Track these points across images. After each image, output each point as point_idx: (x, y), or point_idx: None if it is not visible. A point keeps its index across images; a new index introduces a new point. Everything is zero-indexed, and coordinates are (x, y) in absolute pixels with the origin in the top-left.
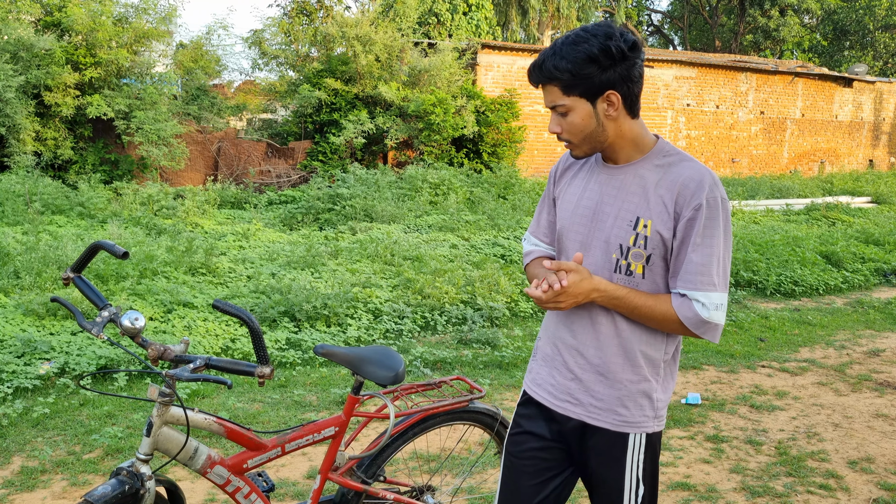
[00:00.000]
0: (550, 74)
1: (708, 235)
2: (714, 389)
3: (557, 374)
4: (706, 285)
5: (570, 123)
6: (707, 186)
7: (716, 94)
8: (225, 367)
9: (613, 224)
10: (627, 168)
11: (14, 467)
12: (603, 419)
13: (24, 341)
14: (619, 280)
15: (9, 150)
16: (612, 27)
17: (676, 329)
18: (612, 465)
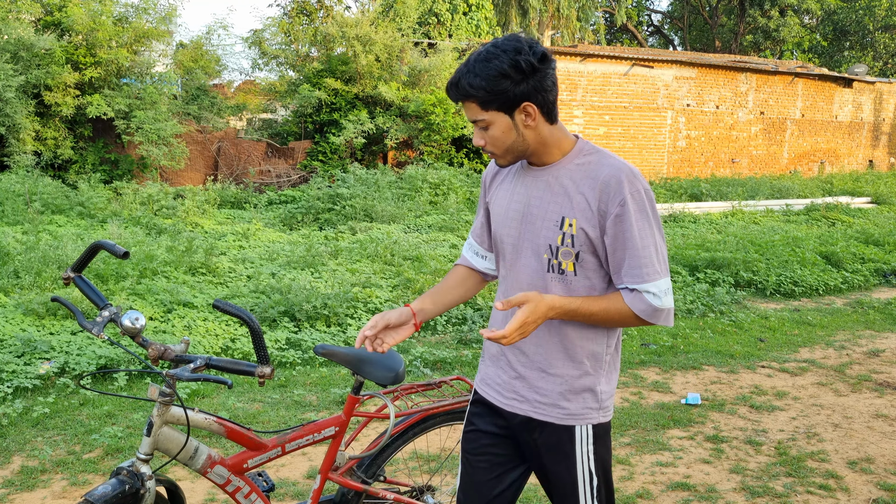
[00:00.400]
0: (466, 92)
1: (641, 228)
2: (714, 390)
3: (503, 372)
4: (652, 275)
5: (491, 136)
6: (626, 181)
7: (716, 95)
8: (225, 366)
9: (542, 225)
10: (550, 169)
11: (14, 467)
12: (548, 413)
13: (24, 341)
14: (553, 279)
15: (9, 150)
16: (520, 41)
17: (633, 323)
18: (563, 460)
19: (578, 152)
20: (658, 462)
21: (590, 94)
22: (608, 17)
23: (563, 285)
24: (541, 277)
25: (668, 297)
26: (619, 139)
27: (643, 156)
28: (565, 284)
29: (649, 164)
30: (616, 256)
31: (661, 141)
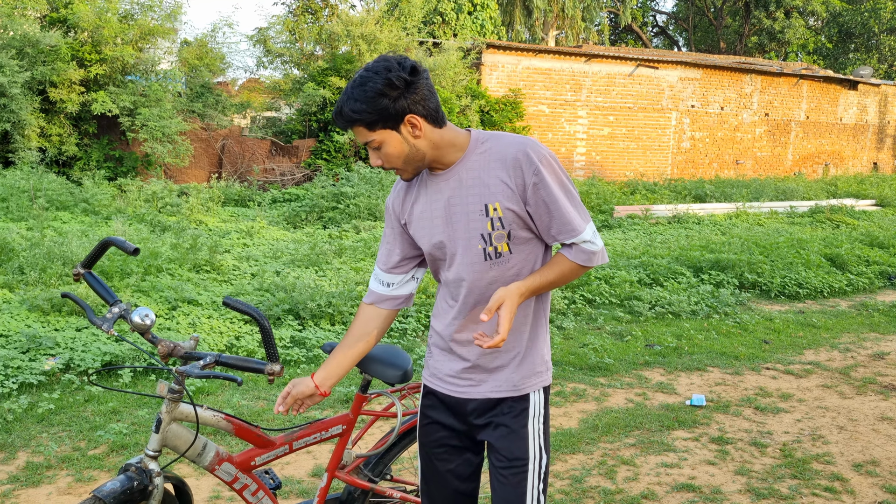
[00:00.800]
0: (350, 118)
1: (558, 188)
2: (718, 391)
3: (454, 363)
4: (580, 226)
5: (386, 154)
6: (533, 151)
7: (720, 96)
8: (235, 364)
9: (467, 220)
10: (455, 168)
11: (19, 463)
12: (504, 390)
13: (29, 337)
14: (493, 266)
15: (13, 146)
16: (388, 60)
17: (581, 273)
18: (517, 422)
19: (476, 143)
20: (663, 463)
21: (594, 95)
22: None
23: (505, 267)
24: (482, 268)
25: (598, 238)
26: (623, 140)
27: (647, 157)
28: (507, 265)
29: (653, 165)
30: (543, 220)
31: (666, 142)
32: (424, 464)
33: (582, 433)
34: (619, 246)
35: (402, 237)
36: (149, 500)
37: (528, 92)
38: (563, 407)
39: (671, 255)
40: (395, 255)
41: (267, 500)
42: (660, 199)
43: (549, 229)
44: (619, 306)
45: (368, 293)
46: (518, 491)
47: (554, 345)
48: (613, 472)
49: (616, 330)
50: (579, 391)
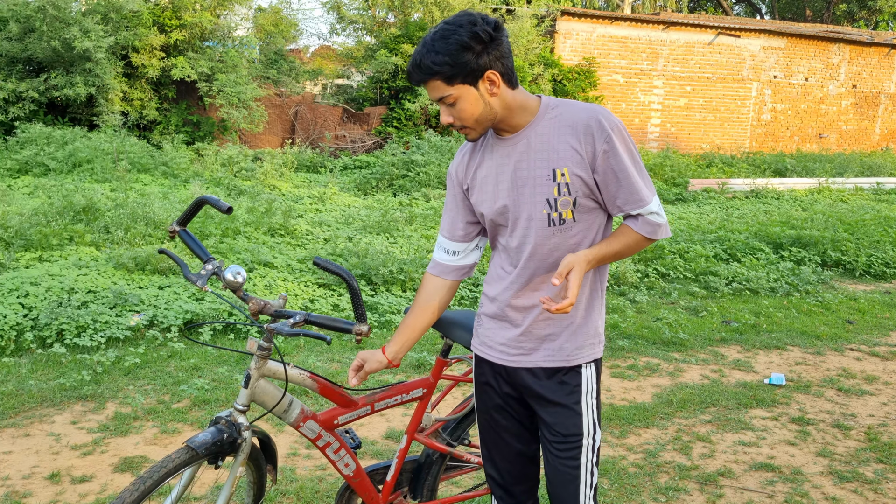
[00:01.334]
0: (430, 70)
1: (628, 157)
2: (799, 371)
3: (506, 331)
4: (648, 197)
5: (460, 111)
6: (605, 119)
7: (805, 66)
8: (323, 323)
9: (534, 185)
10: (525, 132)
11: (108, 412)
12: (556, 359)
13: (116, 293)
14: (556, 232)
15: (98, 110)
16: (472, 15)
17: (643, 246)
18: (570, 395)
19: (546, 108)
20: (740, 441)
21: (671, 64)
22: None
23: (568, 235)
24: (545, 234)
25: (663, 212)
26: (700, 111)
27: (724, 129)
28: (570, 233)
29: (731, 137)
30: (610, 190)
31: (745, 114)
32: (484, 430)
33: (656, 408)
34: (694, 220)
35: (465, 204)
36: (237, 452)
37: (602, 61)
38: (637, 381)
39: (749, 231)
40: (458, 222)
41: (348, 458)
42: (737, 173)
43: (616, 199)
44: (695, 281)
45: (433, 263)
46: (573, 465)
47: (626, 318)
48: (689, 448)
49: (691, 305)
50: (652, 365)
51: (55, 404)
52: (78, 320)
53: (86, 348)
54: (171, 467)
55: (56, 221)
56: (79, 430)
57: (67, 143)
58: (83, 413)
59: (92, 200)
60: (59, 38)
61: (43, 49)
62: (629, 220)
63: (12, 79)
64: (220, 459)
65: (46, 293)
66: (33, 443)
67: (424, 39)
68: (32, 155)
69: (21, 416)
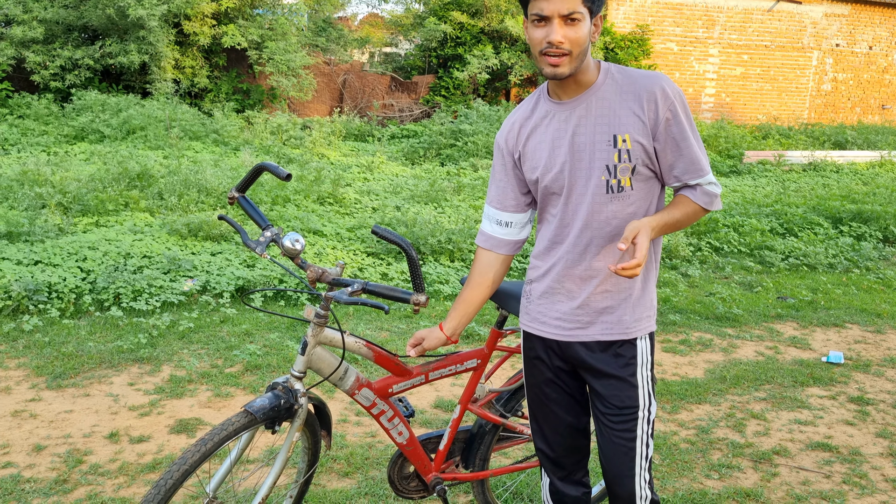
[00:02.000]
0: None
1: (689, 126)
2: (858, 349)
3: (562, 305)
4: (706, 167)
5: (576, 36)
6: (668, 87)
7: (870, 34)
8: (381, 292)
9: (593, 150)
10: (584, 97)
11: (164, 375)
12: (615, 332)
13: (170, 259)
14: (613, 199)
15: (150, 77)
16: None
17: (698, 218)
18: (625, 368)
19: (606, 73)
20: (796, 420)
21: (728, 32)
22: None
23: (624, 203)
24: (602, 200)
25: (718, 184)
26: (756, 80)
27: (782, 99)
28: (627, 202)
29: (788, 108)
30: (668, 159)
31: (804, 83)
32: (534, 403)
33: (709, 384)
34: (749, 193)
35: (515, 173)
36: (293, 418)
37: (656, 28)
38: (689, 356)
39: (807, 205)
40: (508, 192)
41: (402, 426)
42: (794, 145)
43: (673, 169)
44: (749, 255)
45: (482, 235)
46: (629, 437)
47: (678, 292)
48: (742, 426)
49: (745, 280)
50: (705, 341)
51: (113, 366)
52: (134, 284)
53: (141, 312)
54: (230, 430)
55: (112, 187)
56: (136, 392)
57: (121, 110)
58: (140, 375)
59: (146, 167)
60: (113, 5)
61: (98, 17)
62: (686, 191)
63: (69, 46)
64: (276, 424)
65: (104, 257)
66: (93, 402)
67: None
68: (88, 122)
69: (81, 377)
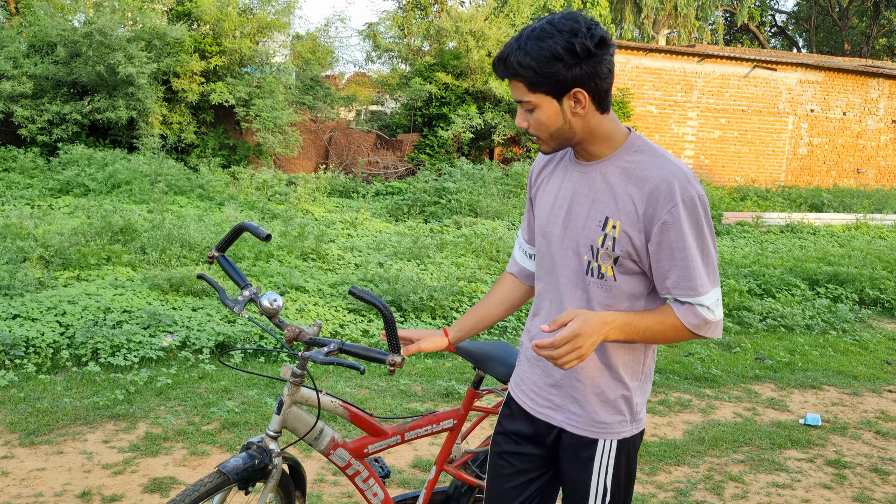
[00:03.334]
0: (514, 70)
1: (693, 236)
2: (835, 411)
3: (538, 378)
4: (703, 288)
5: (536, 120)
6: (679, 186)
7: (843, 101)
8: (357, 352)
9: (584, 224)
10: (597, 165)
11: (139, 432)
12: (578, 425)
13: (150, 314)
14: (593, 284)
15: (138, 133)
16: (578, 20)
17: (685, 337)
18: (582, 469)
19: (629, 148)
20: (774, 483)
21: (706, 96)
22: (728, 17)
23: (603, 290)
24: (580, 280)
25: (719, 309)
26: (734, 143)
27: (759, 162)
28: (606, 290)
29: (766, 170)
30: (661, 266)
31: (781, 147)
32: (491, 475)
33: (687, 445)
34: (728, 254)
35: (532, 209)
36: (268, 478)
37: (636, 91)
38: (668, 416)
39: (784, 266)
40: (525, 221)
41: (377, 487)
42: (772, 207)
43: (666, 279)
44: (728, 316)
45: (512, 262)
46: None
47: (657, 352)
48: (721, 488)
49: (724, 340)
50: (684, 401)
51: (88, 422)
52: (113, 339)
53: (119, 367)
54: (203, 491)
55: (94, 241)
56: (110, 449)
57: (108, 164)
58: (115, 432)
59: (130, 221)
60: (103, 62)
61: (88, 73)
62: (675, 304)
63: (57, 101)
64: (250, 485)
65: (83, 312)
66: (66, 460)
67: (521, 32)
68: (73, 175)
69: (55, 434)
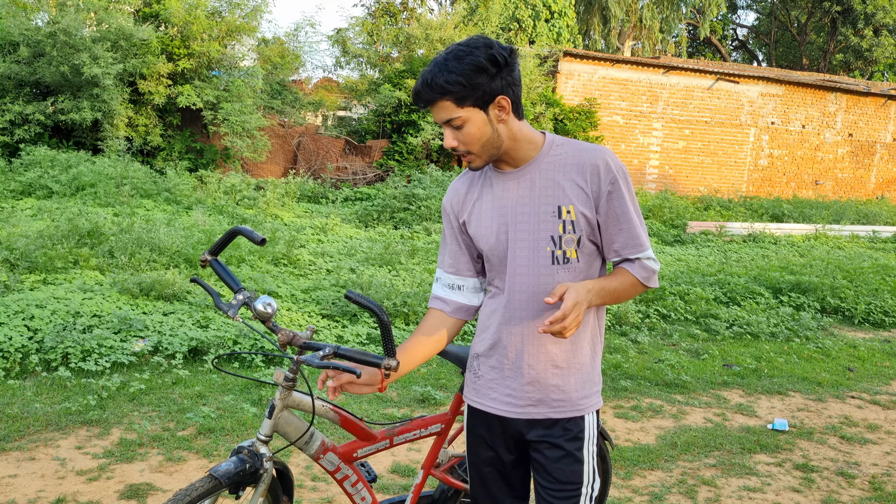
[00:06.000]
0: (443, 89)
1: (630, 201)
2: (801, 417)
3: (511, 381)
4: (646, 243)
5: (466, 135)
6: (611, 161)
7: (802, 114)
8: (353, 356)
9: (537, 221)
10: (528, 168)
11: (113, 438)
12: (566, 410)
13: (121, 318)
14: (560, 271)
15: (103, 135)
16: (487, 38)
17: (639, 291)
18: (572, 444)
19: (550, 145)
20: (745, 486)
21: (670, 108)
22: (692, 30)
23: (569, 274)
24: (546, 272)
25: (656, 261)
26: (698, 154)
27: (722, 172)
28: (570, 272)
29: (728, 181)
30: (609, 232)
31: (742, 158)
32: (475, 480)
33: (660, 450)
34: (693, 262)
35: (463, 238)
36: (258, 482)
37: (603, 102)
38: (640, 422)
39: (748, 275)
40: (460, 257)
41: (365, 492)
42: (734, 217)
43: (613, 243)
44: (695, 323)
45: (435, 299)
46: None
47: (628, 359)
48: (694, 492)
49: (692, 347)
50: (656, 407)
51: (60, 428)
52: (83, 344)
53: (91, 373)
54: (194, 496)
55: (61, 244)
56: (84, 456)
57: (71, 166)
58: (88, 438)
59: (96, 224)
60: (68, 63)
61: (51, 73)
62: (625, 263)
63: (19, 101)
64: (240, 489)
65: (52, 316)
66: (38, 467)
67: (436, 59)
68: (36, 177)
69: (26, 440)
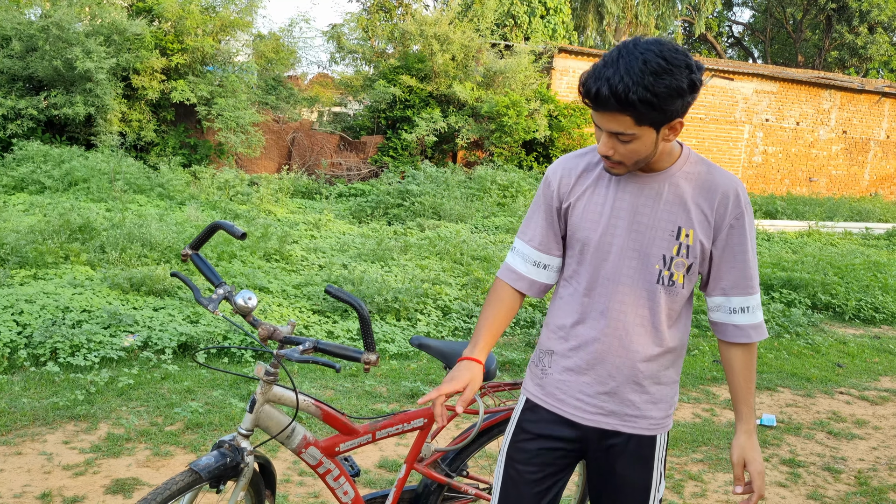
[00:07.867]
0: (629, 104)
1: (751, 240)
2: (789, 412)
3: (588, 386)
4: (756, 286)
5: (630, 150)
6: (742, 194)
7: (797, 111)
8: (333, 350)
9: (654, 235)
10: (660, 176)
11: (101, 433)
12: (638, 427)
13: (110, 313)
14: (661, 291)
15: (96, 130)
16: (686, 55)
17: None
18: (642, 466)
19: (686, 160)
20: (732, 481)
21: None
22: (687, 27)
23: (669, 297)
24: (649, 288)
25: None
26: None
27: None
28: (672, 295)
29: None
30: (722, 267)
31: (737, 155)
32: (507, 479)
33: None
34: None
35: (557, 219)
36: (239, 477)
37: None
38: None
39: None
40: (551, 236)
41: (347, 486)
42: None
43: (722, 280)
44: None
45: (513, 273)
46: None
47: None
48: (681, 487)
49: None
50: None
51: (48, 423)
52: (72, 339)
53: (79, 368)
54: (174, 490)
55: (52, 239)
56: (71, 450)
57: (64, 161)
58: (76, 433)
59: (88, 220)
60: (61, 57)
61: (44, 68)
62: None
63: (12, 96)
64: (221, 483)
65: (41, 311)
66: (25, 461)
67: (629, 64)
68: (29, 172)
69: (13, 435)
